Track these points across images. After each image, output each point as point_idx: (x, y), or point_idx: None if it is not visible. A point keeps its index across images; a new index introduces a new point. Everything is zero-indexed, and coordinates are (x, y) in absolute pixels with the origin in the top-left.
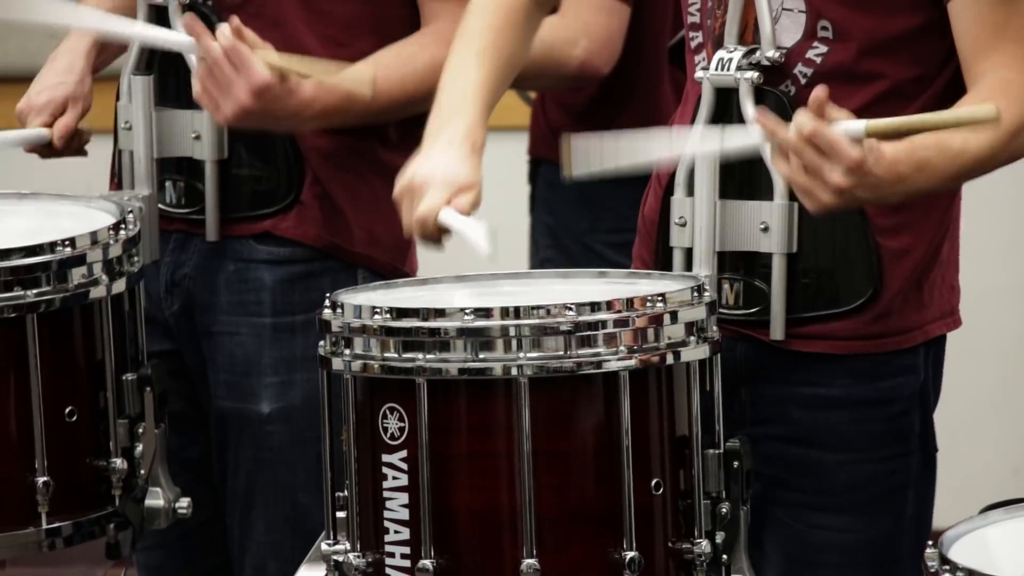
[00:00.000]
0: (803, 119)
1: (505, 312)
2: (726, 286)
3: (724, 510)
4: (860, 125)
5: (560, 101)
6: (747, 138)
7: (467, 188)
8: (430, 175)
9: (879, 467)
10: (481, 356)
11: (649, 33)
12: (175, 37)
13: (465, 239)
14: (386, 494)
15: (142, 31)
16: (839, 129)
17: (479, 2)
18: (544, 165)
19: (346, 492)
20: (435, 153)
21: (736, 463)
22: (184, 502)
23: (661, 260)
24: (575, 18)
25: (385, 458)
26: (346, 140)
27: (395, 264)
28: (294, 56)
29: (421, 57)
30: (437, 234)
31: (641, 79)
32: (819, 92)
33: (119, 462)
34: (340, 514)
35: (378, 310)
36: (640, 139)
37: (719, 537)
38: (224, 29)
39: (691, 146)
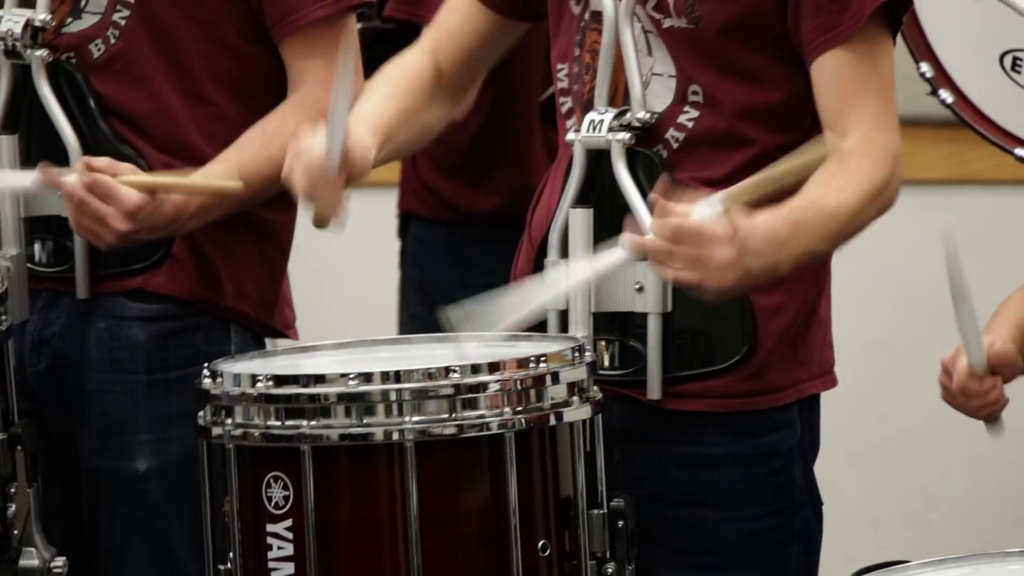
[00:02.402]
0: (660, 222)
1: (386, 376)
2: (602, 346)
3: (610, 570)
4: (717, 202)
5: (432, 157)
6: (616, 257)
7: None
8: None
9: (763, 523)
10: (364, 421)
11: (519, 89)
12: (24, 180)
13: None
14: (271, 564)
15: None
16: (697, 214)
17: (381, 72)
18: (414, 220)
19: (229, 565)
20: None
21: (621, 523)
22: (60, 561)
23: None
24: None
25: (270, 528)
26: None
27: (265, 319)
28: (158, 173)
29: (284, 132)
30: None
31: (511, 135)
32: (661, 184)
33: None
34: None
35: (258, 378)
36: (515, 295)
37: None
38: (80, 168)
39: (566, 283)
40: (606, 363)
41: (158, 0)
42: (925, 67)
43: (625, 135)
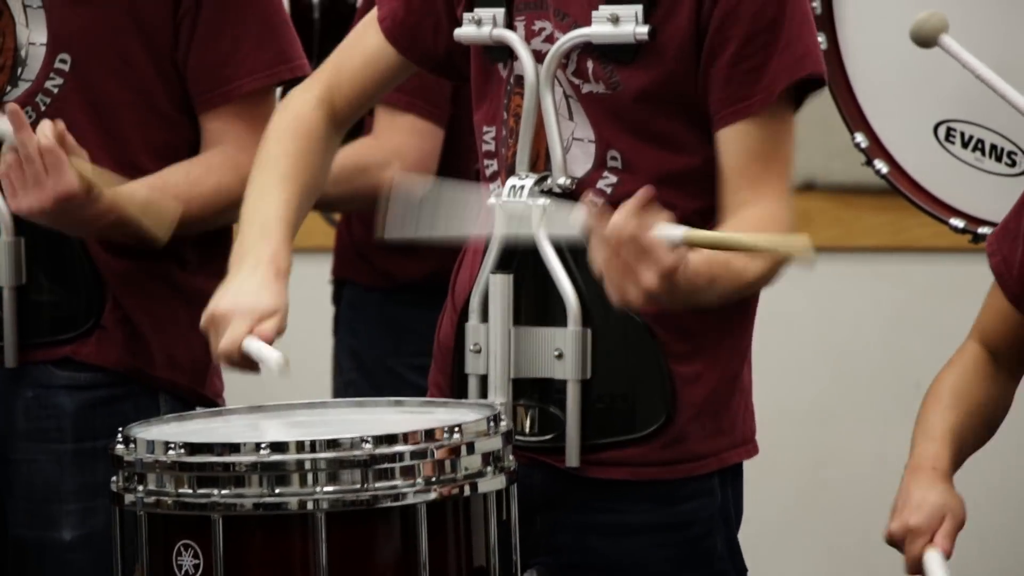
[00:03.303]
0: (626, 218)
1: (301, 446)
2: (521, 412)
3: None
4: (679, 232)
5: (365, 222)
6: (567, 225)
7: (270, 314)
8: (233, 304)
9: None
10: (277, 491)
11: (464, 156)
12: None
13: (266, 367)
14: None
15: None
16: (658, 233)
17: (276, 129)
18: (348, 286)
19: None
20: (239, 281)
21: None
22: None
23: (456, 386)
24: (388, 140)
25: None
26: (145, 264)
27: (196, 387)
28: (105, 172)
29: (207, 181)
30: (244, 363)
31: None
32: (646, 192)
33: None
34: None
35: (172, 445)
36: (459, 208)
37: None
38: (46, 127)
39: (509, 223)
40: (526, 429)
41: (92, 69)
42: (860, 137)
43: (546, 200)
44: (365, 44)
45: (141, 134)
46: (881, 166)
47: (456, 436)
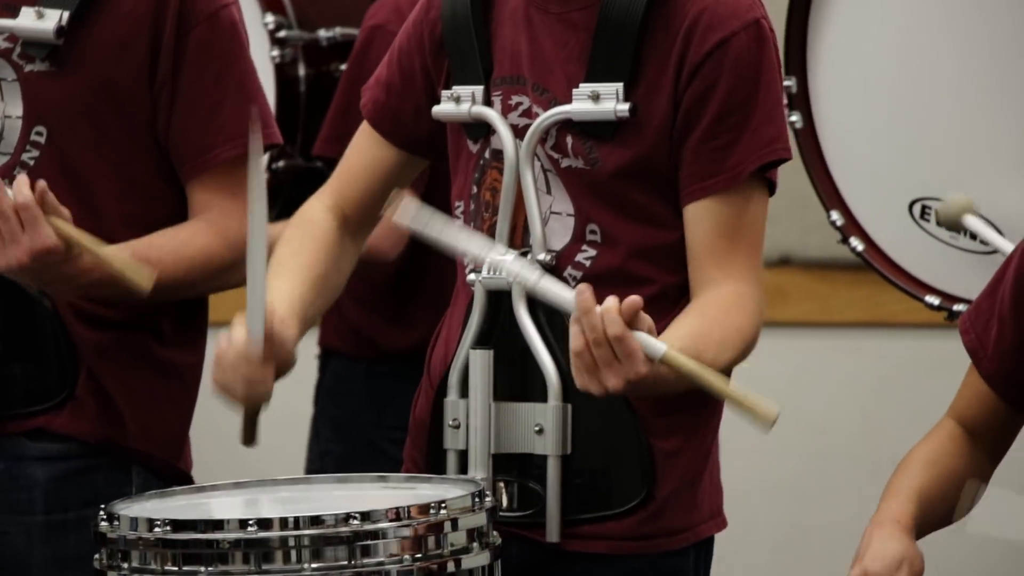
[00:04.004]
0: (613, 319)
1: (285, 523)
2: (501, 487)
3: None
4: (660, 348)
5: (353, 293)
6: (560, 296)
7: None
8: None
9: None
10: (263, 567)
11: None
12: None
13: None
14: None
15: None
16: (640, 342)
17: (286, 235)
18: (334, 356)
19: None
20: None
21: None
22: None
23: (432, 461)
24: None
25: None
26: (120, 335)
27: (169, 460)
28: (84, 232)
29: (194, 244)
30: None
31: (432, 268)
32: (635, 300)
33: None
34: None
35: (156, 522)
36: (464, 235)
37: None
38: (22, 184)
39: (509, 266)
40: (505, 504)
41: (68, 141)
42: (836, 215)
43: (538, 272)
44: (361, 144)
45: (119, 206)
46: (857, 244)
47: (441, 512)
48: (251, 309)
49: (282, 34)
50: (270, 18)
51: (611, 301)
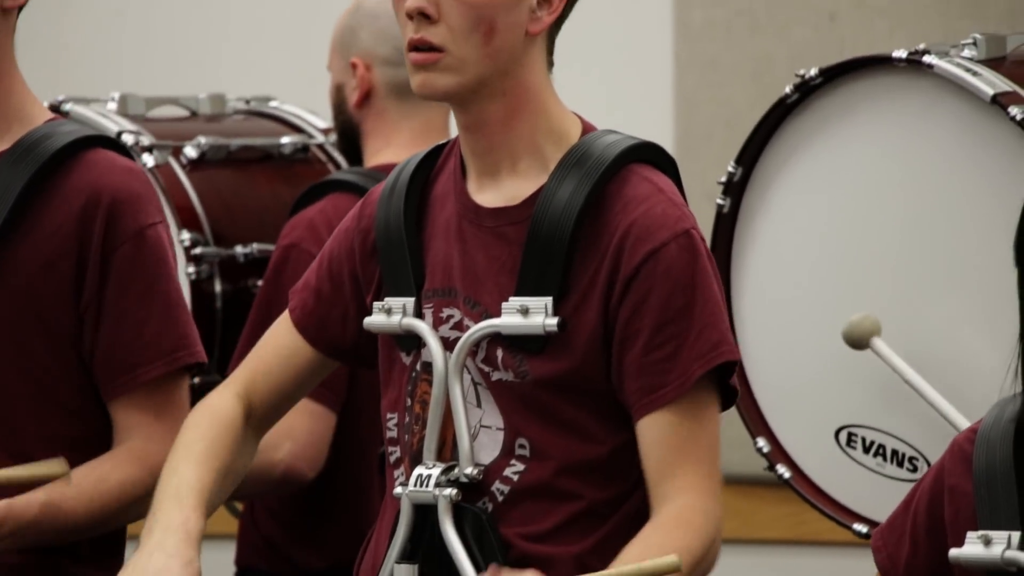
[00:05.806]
0: None
1: None
2: None
3: None
4: None
5: (271, 510)
6: None
7: None
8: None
9: None
10: None
11: (357, 441)
12: None
13: None
14: None
15: None
16: None
17: (191, 422)
18: (251, 574)
19: None
20: (145, 556)
21: None
22: None
23: None
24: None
25: None
26: (35, 556)
27: None
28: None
29: (114, 475)
30: None
31: (349, 487)
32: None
33: None
34: None
35: None
36: None
37: None
38: None
39: None
40: None
41: None
42: (761, 442)
43: (452, 491)
44: (278, 341)
45: (37, 426)
46: (783, 471)
47: None
48: None
49: (198, 251)
50: (186, 235)
51: None
